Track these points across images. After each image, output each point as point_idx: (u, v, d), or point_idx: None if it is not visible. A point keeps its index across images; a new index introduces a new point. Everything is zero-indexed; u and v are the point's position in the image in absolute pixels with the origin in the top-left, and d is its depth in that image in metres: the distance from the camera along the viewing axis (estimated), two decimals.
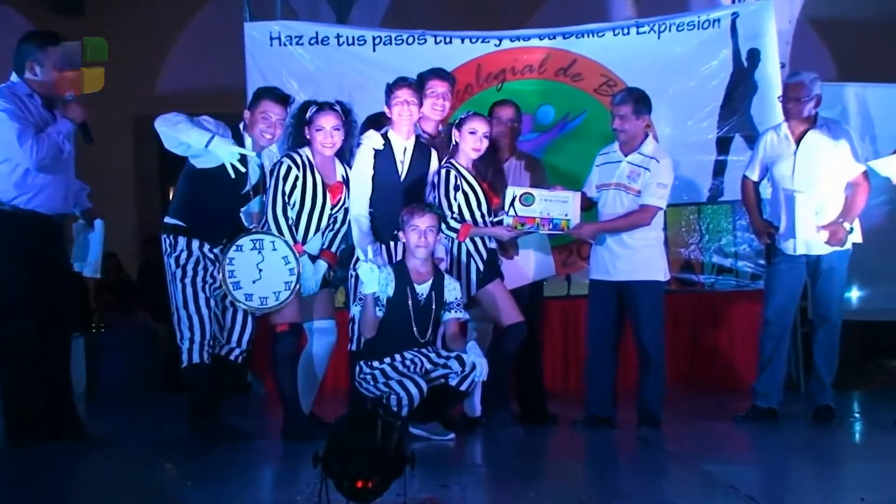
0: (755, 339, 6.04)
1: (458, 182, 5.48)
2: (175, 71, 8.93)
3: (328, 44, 6.90)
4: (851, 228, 5.77)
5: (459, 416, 5.51)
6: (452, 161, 5.52)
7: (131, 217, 9.59)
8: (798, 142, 5.80)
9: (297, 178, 5.22)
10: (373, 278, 5.07)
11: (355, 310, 5.24)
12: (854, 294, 6.98)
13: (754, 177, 5.96)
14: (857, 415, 6.27)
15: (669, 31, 6.89)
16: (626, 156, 5.63)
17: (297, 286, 5.11)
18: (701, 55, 6.93)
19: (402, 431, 3.42)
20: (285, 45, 6.86)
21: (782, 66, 6.91)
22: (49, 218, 4.99)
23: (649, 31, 6.89)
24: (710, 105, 6.93)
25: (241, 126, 5.25)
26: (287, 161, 5.25)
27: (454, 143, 5.50)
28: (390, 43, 6.91)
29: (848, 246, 5.81)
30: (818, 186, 5.72)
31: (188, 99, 7.42)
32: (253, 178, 5.25)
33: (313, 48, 6.83)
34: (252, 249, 5.10)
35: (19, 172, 4.89)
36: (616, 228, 5.57)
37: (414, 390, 5.07)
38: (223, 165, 5.10)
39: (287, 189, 5.20)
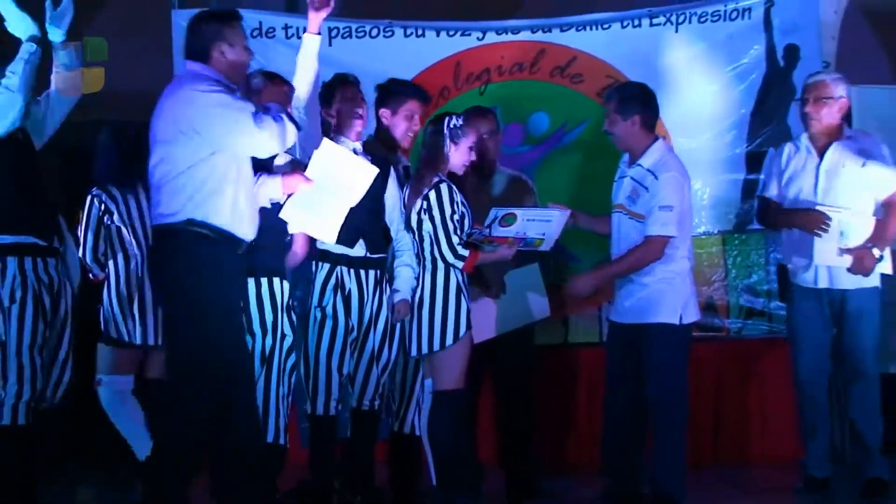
0: (793, 397, 6.19)
1: (458, 201, 5.57)
2: None
3: (274, 36, 6.92)
4: (882, 256, 5.86)
5: None
6: (442, 176, 5.60)
7: None
8: (822, 155, 5.95)
9: None
10: None
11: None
12: None
13: (773, 195, 6.09)
14: None
15: (690, 22, 7.00)
16: (629, 168, 5.69)
17: None
18: (727, 52, 7.03)
19: None
20: None
21: (826, 65, 6.84)
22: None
23: (665, 23, 7.01)
24: (739, 113, 7.05)
25: None
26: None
27: (440, 153, 5.55)
28: (350, 35, 6.97)
29: (875, 281, 5.90)
30: (844, 206, 5.84)
31: (107, 100, 6.56)
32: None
33: (257, 42, 6.67)
34: None
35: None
36: (618, 274, 5.65)
37: None
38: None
39: None
